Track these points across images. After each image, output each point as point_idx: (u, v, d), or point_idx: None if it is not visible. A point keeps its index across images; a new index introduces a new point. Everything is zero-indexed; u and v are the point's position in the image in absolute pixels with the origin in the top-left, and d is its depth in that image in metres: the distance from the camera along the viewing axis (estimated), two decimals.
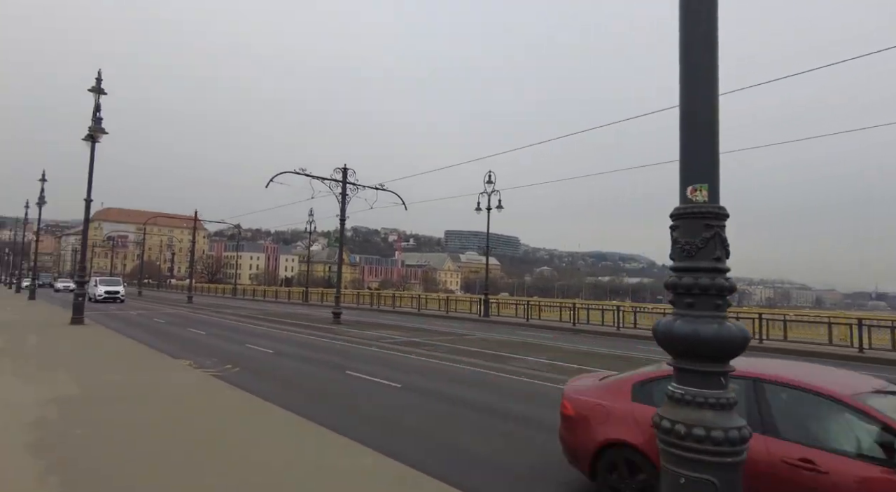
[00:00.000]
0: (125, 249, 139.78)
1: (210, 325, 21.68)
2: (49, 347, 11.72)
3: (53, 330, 15.02)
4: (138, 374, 8.93)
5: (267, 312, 31.11)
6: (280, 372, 11.32)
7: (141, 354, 11.52)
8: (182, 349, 13.73)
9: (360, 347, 15.63)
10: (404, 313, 33.43)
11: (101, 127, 16.44)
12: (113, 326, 18.25)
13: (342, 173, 23.38)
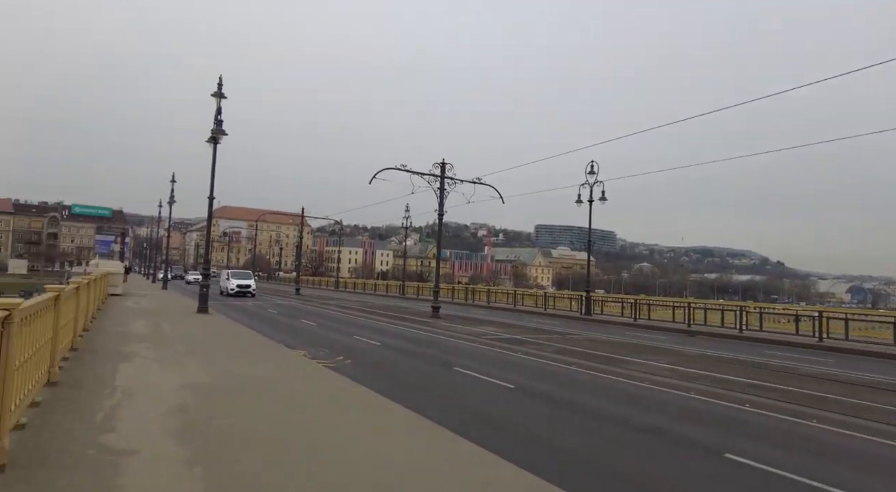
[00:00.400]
0: (238, 244, 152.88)
1: (319, 316, 22.65)
2: (180, 334, 12.63)
3: (183, 318, 16.33)
4: (259, 364, 9.23)
5: (368, 305, 32.12)
6: (390, 366, 11.31)
7: (260, 344, 12.03)
8: (296, 340, 14.28)
9: (463, 343, 15.37)
10: (499, 309, 32.94)
11: (222, 129, 17.62)
12: (233, 316, 19.57)
13: (440, 168, 23.32)
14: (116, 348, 9.39)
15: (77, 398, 5.81)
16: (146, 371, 7.79)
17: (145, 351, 9.36)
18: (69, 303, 7.54)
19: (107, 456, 4.15)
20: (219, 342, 11.87)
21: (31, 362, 4.86)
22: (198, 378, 7.39)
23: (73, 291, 7.82)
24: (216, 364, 8.79)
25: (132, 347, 9.74)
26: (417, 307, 31.92)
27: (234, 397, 6.47)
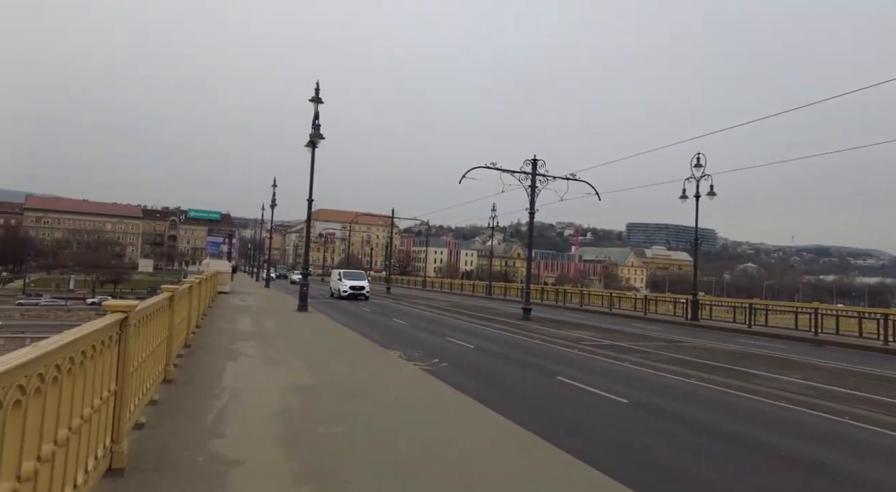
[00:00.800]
0: (332, 245, 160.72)
1: (409, 315, 22.74)
2: (282, 332, 12.98)
3: (284, 316, 16.94)
4: (358, 365, 9.11)
5: (456, 305, 31.93)
6: (487, 372, 10.81)
7: (356, 343, 12.03)
8: (390, 339, 14.23)
9: (561, 349, 14.51)
10: (593, 312, 31.36)
11: (320, 133, 18.13)
12: (330, 314, 20.08)
13: (531, 165, 22.49)
14: (224, 346, 9.71)
15: (189, 398, 5.87)
16: (252, 370, 7.88)
17: (251, 349, 9.58)
18: (183, 302, 7.82)
19: (216, 465, 3.99)
20: (318, 341, 12.02)
21: (149, 362, 4.91)
22: (301, 379, 7.33)
23: (186, 290, 8.11)
24: (317, 364, 8.78)
25: (238, 344, 10.03)
26: (506, 308, 31.23)
27: (337, 401, 6.27)
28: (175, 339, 7.00)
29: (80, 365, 2.68)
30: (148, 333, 4.79)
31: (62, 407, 2.46)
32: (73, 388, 2.57)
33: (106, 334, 3.24)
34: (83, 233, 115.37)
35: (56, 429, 2.40)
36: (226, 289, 26.06)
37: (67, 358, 2.51)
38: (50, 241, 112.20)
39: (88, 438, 2.89)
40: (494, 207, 43.96)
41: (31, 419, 2.06)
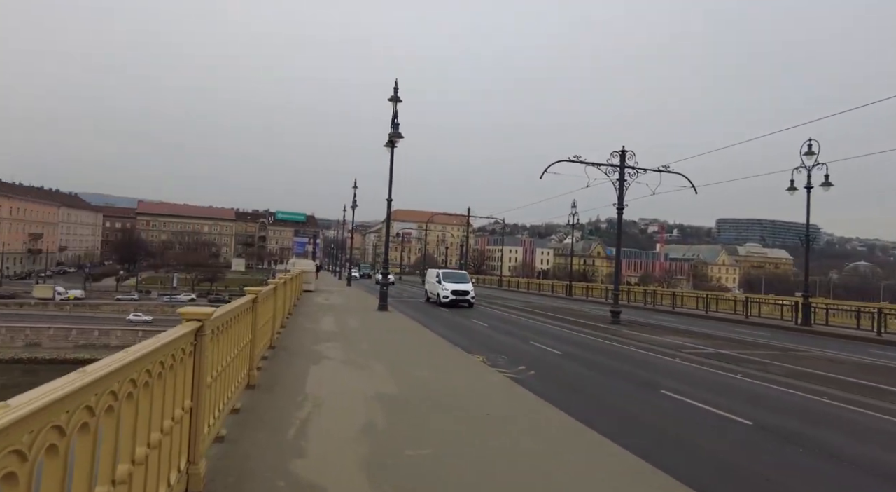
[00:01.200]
0: (409, 245, 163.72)
1: (489, 317, 22.08)
2: (365, 333, 12.77)
3: (366, 316, 16.88)
4: (442, 372, 8.59)
5: (535, 306, 30.82)
6: (580, 383, 9.92)
7: (437, 345, 11.56)
8: (471, 342, 13.67)
9: (659, 357, 13.22)
10: (686, 315, 29.03)
11: (399, 133, 17.95)
12: (408, 313, 19.88)
13: (619, 157, 21.00)
14: (308, 347, 9.56)
15: (271, 407, 5.58)
16: (334, 376, 7.58)
17: (333, 351, 9.35)
18: (267, 303, 7.67)
19: None
20: (400, 343, 11.66)
21: (231, 369, 4.63)
22: (386, 387, 6.90)
23: (270, 292, 7.96)
24: (400, 369, 8.35)
25: (322, 345, 9.86)
26: (590, 310, 29.71)
27: (424, 415, 5.74)
28: (259, 342, 6.83)
29: (144, 386, 2.30)
30: (229, 339, 4.48)
31: (124, 438, 2.11)
32: (136, 414, 2.21)
33: (178, 347, 2.86)
34: (185, 235, 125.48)
35: (114, 464, 2.01)
36: (310, 287, 26.79)
37: (128, 380, 2.12)
38: (157, 242, 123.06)
39: (159, 464, 2.58)
40: (575, 204, 42.26)
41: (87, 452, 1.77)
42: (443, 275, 27.14)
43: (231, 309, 4.51)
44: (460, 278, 27.19)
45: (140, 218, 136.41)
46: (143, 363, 2.26)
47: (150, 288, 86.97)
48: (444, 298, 25.05)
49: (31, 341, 55.43)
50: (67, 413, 1.56)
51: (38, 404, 1.39)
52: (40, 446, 1.41)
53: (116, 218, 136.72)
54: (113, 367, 1.92)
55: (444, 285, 25.52)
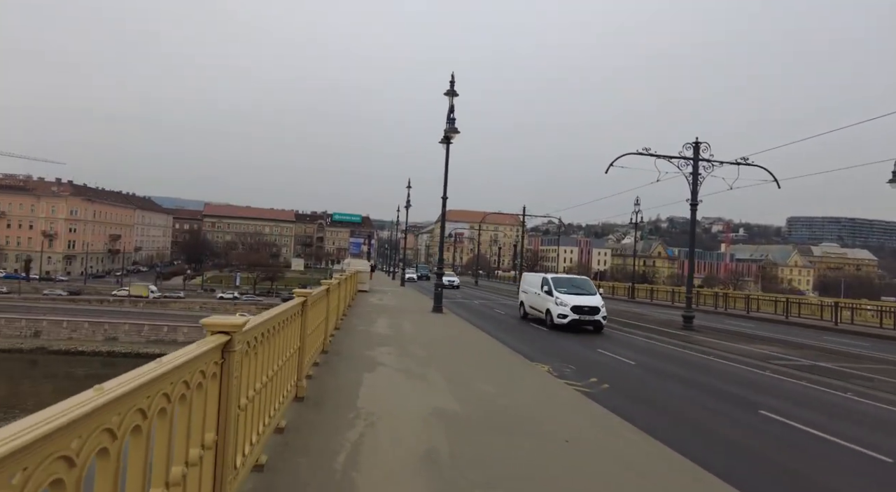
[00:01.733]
0: (461, 245, 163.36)
1: None
2: (420, 337, 12.11)
3: (420, 318, 16.24)
4: (506, 384, 7.75)
5: None
6: (663, 399, 8.79)
7: (497, 353, 10.72)
8: (532, 349, 12.73)
9: (746, 369, 11.78)
10: (763, 320, 26.66)
11: (455, 128, 17.24)
12: (463, 315, 19.14)
13: (693, 149, 19.33)
14: (361, 352, 8.99)
15: (319, 426, 4.94)
16: (389, 387, 6.90)
17: (388, 357, 8.73)
18: (319, 306, 7.12)
19: None
20: (457, 348, 10.91)
21: (274, 383, 3.98)
22: (445, 402, 6.15)
23: (322, 293, 7.41)
24: (460, 380, 7.58)
25: (376, 350, 9.27)
26: (656, 314, 27.90)
27: (491, 441, 4.94)
28: (309, 349, 6.27)
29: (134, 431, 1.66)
30: (272, 350, 3.83)
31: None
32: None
33: (196, 369, 2.21)
34: (247, 235, 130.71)
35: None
36: (365, 287, 26.62)
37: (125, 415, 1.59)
38: (222, 242, 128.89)
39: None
40: (638, 201, 40.15)
41: None
42: (553, 282, 17.82)
43: (274, 315, 3.86)
44: (581, 286, 18.19)
45: (206, 219, 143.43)
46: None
47: (214, 286, 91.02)
48: (559, 317, 16.69)
49: (110, 336, 59.12)
50: None
51: None
52: None
53: (185, 220, 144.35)
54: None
55: (558, 297, 17.05)
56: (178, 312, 71.45)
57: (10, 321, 59.15)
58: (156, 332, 59.62)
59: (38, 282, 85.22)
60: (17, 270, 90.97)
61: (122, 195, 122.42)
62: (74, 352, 53.53)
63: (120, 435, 1.53)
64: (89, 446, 1.38)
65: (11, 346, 54.16)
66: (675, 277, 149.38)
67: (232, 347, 2.61)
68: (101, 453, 1.46)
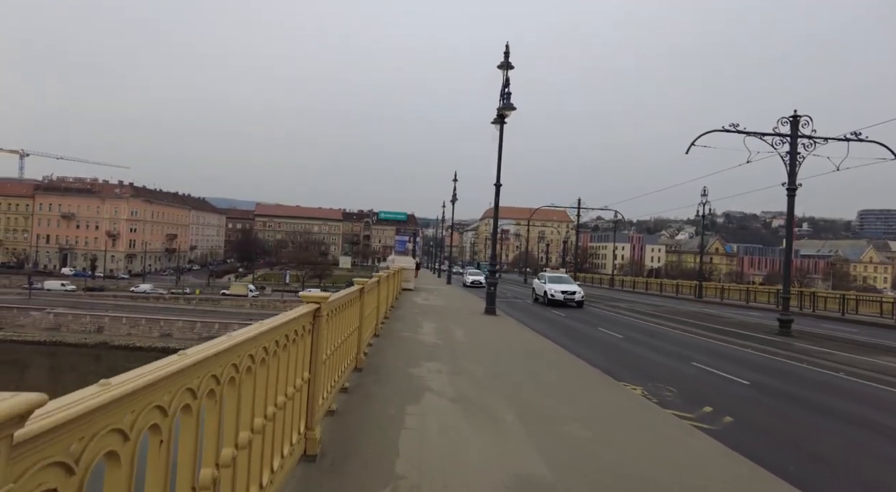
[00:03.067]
0: (507, 242, 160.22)
1: (617, 324, 18.48)
2: (476, 347, 10.11)
3: (471, 321, 14.26)
4: (600, 420, 5.64)
5: (667, 310, 26.31)
6: (813, 439, 6.44)
7: (575, 369, 8.59)
8: (612, 362, 10.49)
9: (888, 389, 9.13)
10: (865, 324, 23.08)
11: (510, 104, 15.13)
12: (520, 317, 16.96)
13: (790, 124, 16.36)
14: (404, 370, 7.08)
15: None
16: (442, 431, 4.87)
17: (438, 379, 6.76)
18: (348, 314, 5.25)
19: None
20: (523, 363, 8.80)
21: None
22: (526, 461, 4.12)
23: (351, 298, 5.51)
24: (538, 416, 5.51)
25: (422, 367, 7.35)
26: (735, 316, 24.78)
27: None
28: (336, 368, 4.48)
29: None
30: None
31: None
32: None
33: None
34: (297, 234, 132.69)
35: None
36: (410, 286, 24.94)
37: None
38: (272, 241, 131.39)
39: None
40: (705, 191, 36.60)
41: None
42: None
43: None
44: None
45: (258, 219, 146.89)
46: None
47: (264, 284, 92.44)
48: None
49: (165, 332, 60.68)
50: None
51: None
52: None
53: (238, 219, 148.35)
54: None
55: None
56: (229, 309, 72.71)
57: (76, 317, 61.90)
58: (207, 329, 60.64)
59: (103, 280, 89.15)
60: (85, 268, 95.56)
61: (178, 196, 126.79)
62: (133, 348, 55.24)
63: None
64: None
65: (78, 341, 56.52)
66: (733, 274, 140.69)
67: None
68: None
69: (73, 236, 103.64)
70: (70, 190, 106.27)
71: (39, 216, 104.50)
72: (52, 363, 50.44)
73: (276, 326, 2.64)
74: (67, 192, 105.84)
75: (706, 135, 17.06)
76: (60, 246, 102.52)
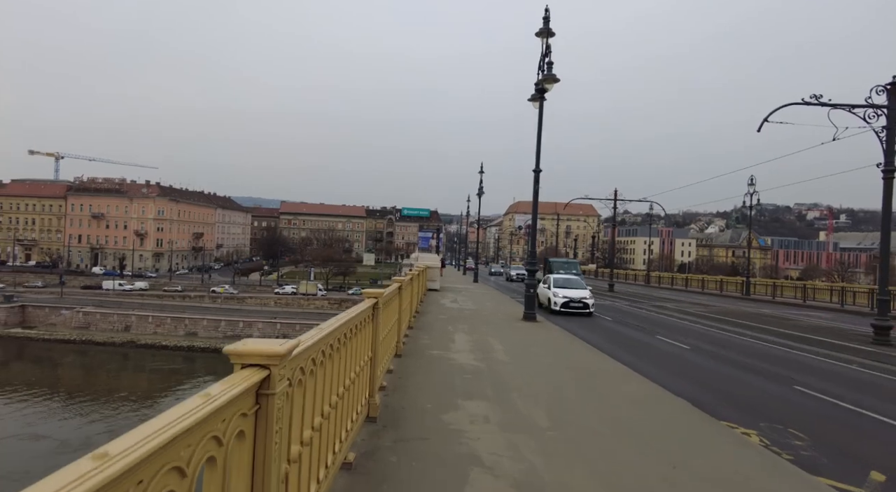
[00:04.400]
0: (529, 238, 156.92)
1: (673, 330, 16.11)
2: (525, 373, 8.03)
3: (511, 331, 12.18)
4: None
5: (721, 311, 23.58)
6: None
7: (658, 403, 6.47)
8: (695, 386, 8.30)
9: None
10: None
11: (552, 74, 12.98)
12: (564, 324, 14.75)
13: (887, 93, 13.74)
14: (435, 417, 5.06)
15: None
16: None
17: (486, 438, 4.66)
18: (360, 339, 3.32)
19: None
20: (594, 399, 6.67)
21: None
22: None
23: (394, 293, 3.56)
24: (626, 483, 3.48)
25: (460, 412, 5.29)
26: (799, 318, 22.08)
27: None
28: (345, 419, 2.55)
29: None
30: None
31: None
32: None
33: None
34: (321, 232, 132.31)
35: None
36: (435, 286, 22.98)
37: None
38: (297, 239, 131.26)
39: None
40: (753, 181, 33.61)
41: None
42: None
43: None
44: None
45: (283, 217, 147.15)
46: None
47: (288, 282, 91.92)
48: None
49: (190, 331, 60.24)
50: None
51: None
52: None
53: (263, 217, 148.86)
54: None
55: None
56: (254, 307, 72.11)
57: (105, 316, 62.08)
58: (232, 327, 59.95)
59: (132, 278, 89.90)
60: (114, 267, 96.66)
61: (204, 195, 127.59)
62: (159, 346, 54.92)
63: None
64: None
65: (106, 339, 56.60)
66: (767, 268, 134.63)
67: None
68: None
69: (103, 236, 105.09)
70: (100, 190, 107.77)
71: (71, 217, 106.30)
72: (82, 362, 50.67)
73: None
74: (97, 192, 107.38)
75: (783, 109, 14.55)
76: (91, 246, 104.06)
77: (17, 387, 37.15)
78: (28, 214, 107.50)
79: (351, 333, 3.27)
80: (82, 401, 34.79)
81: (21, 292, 72.38)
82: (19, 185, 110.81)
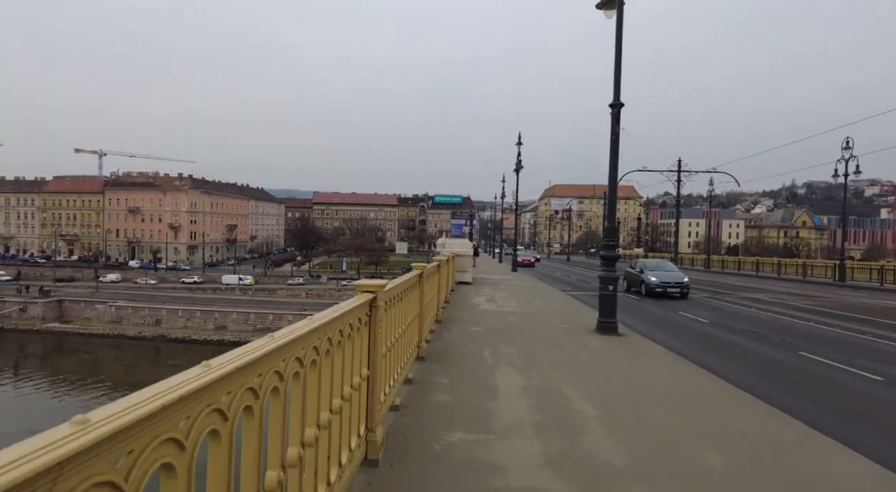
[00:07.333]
0: (565, 222, 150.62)
1: (817, 341, 11.09)
2: (642, 468, 3.83)
3: (585, 357, 7.75)
4: None
5: (832, 304, 18.06)
6: None
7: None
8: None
9: None
10: None
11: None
12: (659, 338, 10.11)
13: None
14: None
15: None
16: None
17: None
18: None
19: None
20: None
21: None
22: None
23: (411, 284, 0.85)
24: None
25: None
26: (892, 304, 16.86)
27: None
28: None
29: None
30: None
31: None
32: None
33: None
34: (353, 221, 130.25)
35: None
36: (467, 278, 18.81)
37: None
38: (330, 229, 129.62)
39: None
40: (849, 143, 27.80)
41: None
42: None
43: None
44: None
45: (315, 207, 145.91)
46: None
47: (321, 272, 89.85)
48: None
49: (220, 324, 58.64)
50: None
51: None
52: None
53: (296, 208, 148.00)
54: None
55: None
56: (284, 299, 70.24)
57: (136, 310, 61.20)
58: (262, 320, 57.99)
59: (166, 271, 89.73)
60: (150, 260, 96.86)
61: (237, 187, 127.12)
62: (189, 340, 53.91)
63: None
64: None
65: (137, 334, 55.69)
66: (825, 249, 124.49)
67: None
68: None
69: (139, 229, 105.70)
70: (135, 184, 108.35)
71: (109, 211, 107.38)
72: (118, 355, 49.82)
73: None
74: (132, 186, 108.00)
75: None
76: (129, 239, 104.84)
77: (65, 377, 40.10)
78: (69, 209, 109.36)
79: None
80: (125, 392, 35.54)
81: (59, 287, 72.91)
82: (60, 181, 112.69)
